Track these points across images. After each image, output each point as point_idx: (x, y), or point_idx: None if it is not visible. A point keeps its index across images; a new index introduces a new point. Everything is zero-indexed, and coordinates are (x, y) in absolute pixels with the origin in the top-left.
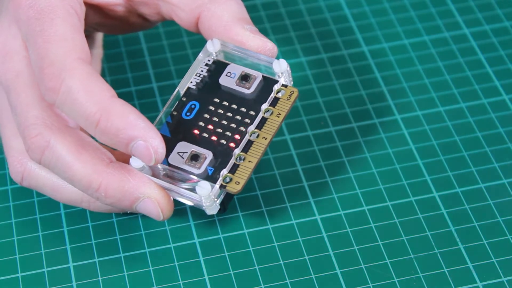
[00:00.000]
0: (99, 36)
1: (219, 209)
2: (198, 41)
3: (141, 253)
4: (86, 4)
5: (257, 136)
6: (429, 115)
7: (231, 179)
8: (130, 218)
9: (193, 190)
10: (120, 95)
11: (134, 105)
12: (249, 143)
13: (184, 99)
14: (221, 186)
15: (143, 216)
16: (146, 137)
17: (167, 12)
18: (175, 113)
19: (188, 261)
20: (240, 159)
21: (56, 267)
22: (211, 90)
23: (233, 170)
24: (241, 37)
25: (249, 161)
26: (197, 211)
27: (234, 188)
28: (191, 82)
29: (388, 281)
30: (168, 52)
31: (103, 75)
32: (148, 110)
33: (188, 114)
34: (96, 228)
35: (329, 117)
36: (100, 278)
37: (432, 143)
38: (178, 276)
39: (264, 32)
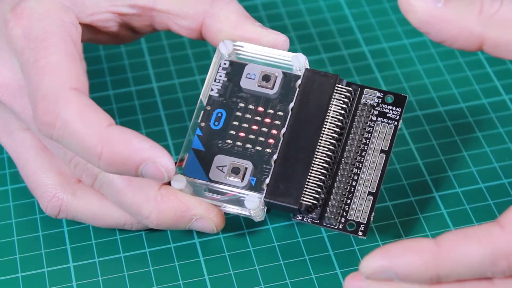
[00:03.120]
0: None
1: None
2: (198, 41)
3: (141, 253)
4: (81, 25)
5: None
6: (429, 115)
7: None
8: None
9: (241, 203)
10: (120, 95)
11: (134, 105)
12: (281, 145)
13: (208, 108)
14: None
15: None
16: (154, 158)
17: (163, 22)
18: (203, 124)
19: (188, 261)
20: None
21: (56, 267)
22: (234, 95)
23: None
24: (254, 33)
25: None
26: None
27: None
28: (212, 90)
29: None
30: (168, 52)
31: (103, 75)
32: (148, 110)
33: (216, 124)
34: (96, 228)
35: None
36: (100, 278)
37: (432, 143)
38: (178, 276)
39: None
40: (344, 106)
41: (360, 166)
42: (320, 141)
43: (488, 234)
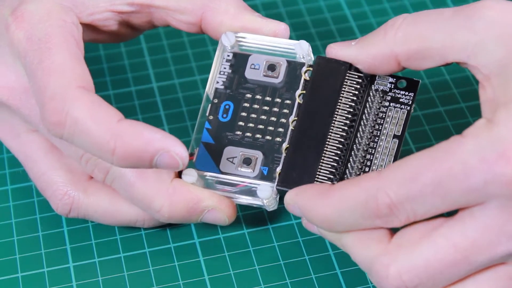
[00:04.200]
0: None
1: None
2: (198, 41)
3: (141, 253)
4: (82, 25)
5: None
6: (429, 115)
7: None
8: None
9: (253, 193)
10: (120, 95)
11: (134, 105)
12: (293, 132)
13: (215, 101)
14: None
15: None
16: (168, 147)
17: (161, 18)
18: (211, 117)
19: (188, 261)
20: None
21: (56, 267)
22: (240, 86)
23: None
24: (255, 23)
25: None
26: None
27: None
28: (218, 82)
29: None
30: (168, 52)
31: (103, 75)
32: (148, 110)
33: (224, 116)
34: (96, 228)
35: None
36: (100, 278)
37: (432, 143)
38: (178, 276)
39: None
40: (356, 92)
41: (373, 152)
42: (332, 128)
43: (368, 177)
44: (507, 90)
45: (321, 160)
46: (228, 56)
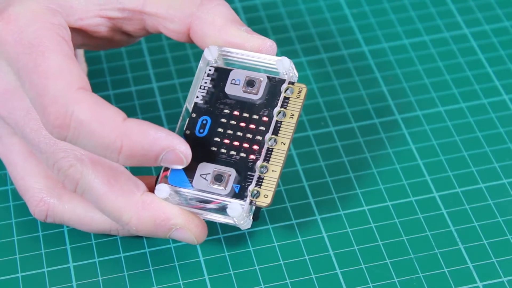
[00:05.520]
0: (80, 52)
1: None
2: None
3: (141, 253)
4: (71, 29)
5: (275, 142)
6: (429, 115)
7: (258, 193)
8: None
9: (224, 211)
10: (120, 95)
11: (134, 105)
12: (269, 151)
13: (194, 115)
14: (251, 202)
15: None
16: (173, 145)
17: (153, 26)
18: (188, 132)
19: (188, 261)
20: (263, 170)
21: (56, 267)
22: (219, 101)
23: (259, 183)
24: (238, 38)
25: (272, 171)
26: None
27: (264, 202)
28: (197, 97)
29: (388, 281)
30: (168, 52)
31: (103, 75)
32: (148, 110)
33: (201, 131)
34: None
35: (329, 117)
36: (100, 278)
37: (432, 143)
38: (178, 276)
39: (264, 32)
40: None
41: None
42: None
43: None
44: None
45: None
46: (210, 70)
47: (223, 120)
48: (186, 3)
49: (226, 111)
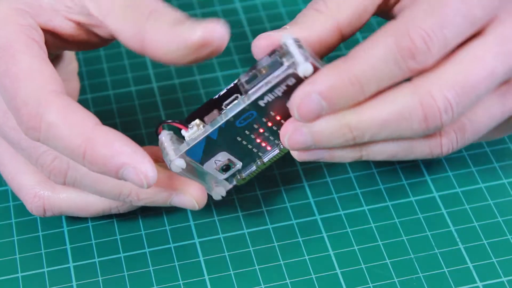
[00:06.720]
0: (70, 52)
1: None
2: None
3: (141, 253)
4: (44, 30)
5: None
6: None
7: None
8: (130, 218)
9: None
10: (120, 95)
11: (134, 105)
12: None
13: (247, 107)
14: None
15: (143, 216)
16: (134, 163)
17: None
18: (232, 119)
19: (188, 261)
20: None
21: (56, 267)
22: (275, 108)
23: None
24: (180, 35)
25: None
26: (197, 212)
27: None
28: (263, 99)
29: (388, 281)
30: None
31: (103, 75)
32: (148, 110)
33: (242, 122)
34: (96, 228)
35: None
36: (100, 278)
37: None
38: (178, 276)
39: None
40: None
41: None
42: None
43: (388, 31)
44: None
45: None
46: (291, 81)
47: (265, 119)
48: (135, 20)
49: (272, 113)
